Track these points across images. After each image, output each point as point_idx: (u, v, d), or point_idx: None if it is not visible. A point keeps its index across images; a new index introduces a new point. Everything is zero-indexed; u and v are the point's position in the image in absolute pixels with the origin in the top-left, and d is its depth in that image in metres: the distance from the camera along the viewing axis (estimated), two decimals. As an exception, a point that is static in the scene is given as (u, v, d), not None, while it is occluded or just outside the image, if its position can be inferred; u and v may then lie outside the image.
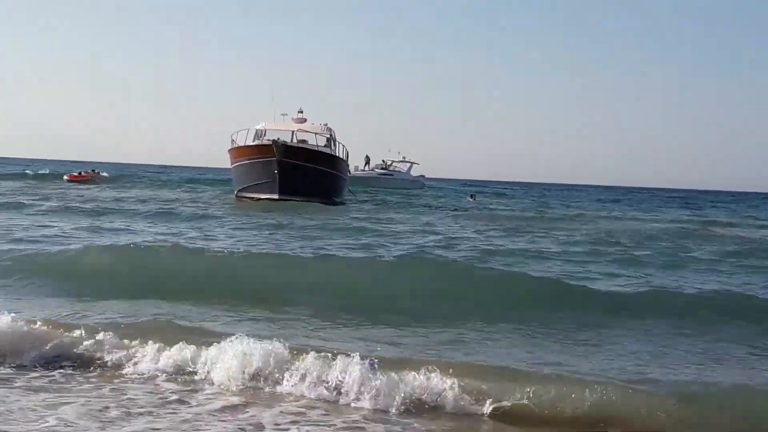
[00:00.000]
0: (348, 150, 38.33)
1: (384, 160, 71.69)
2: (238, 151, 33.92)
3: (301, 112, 37.62)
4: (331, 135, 36.51)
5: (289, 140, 33.62)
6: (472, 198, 51.97)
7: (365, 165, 68.06)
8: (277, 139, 31.86)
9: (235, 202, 31.95)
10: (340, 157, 36.66)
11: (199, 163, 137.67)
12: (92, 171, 55.38)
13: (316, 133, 35.61)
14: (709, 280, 12.25)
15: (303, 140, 35.06)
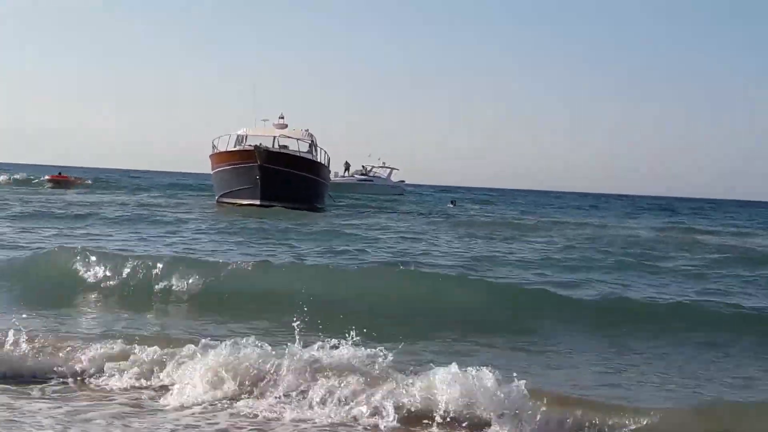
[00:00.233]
0: (330, 156, 38.28)
1: (364, 166, 71.53)
2: (220, 157, 33.68)
3: (282, 118, 37.57)
4: (312, 141, 36.43)
5: (271, 146, 33.48)
6: (452, 204, 51.92)
7: (345, 171, 67.86)
8: (259, 145, 31.69)
9: (217, 208, 31.61)
10: (322, 162, 36.59)
11: (178, 169, 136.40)
12: (75, 177, 54.51)
13: (297, 139, 35.57)
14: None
15: (284, 146, 34.95)
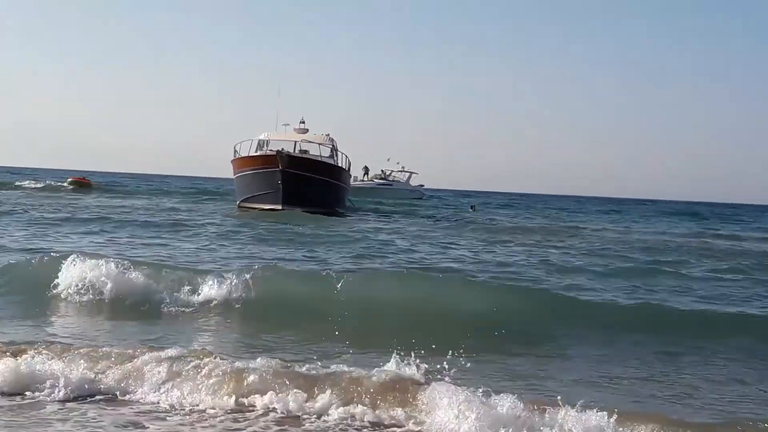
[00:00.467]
0: (350, 160, 38.16)
1: (383, 170, 71.44)
2: (242, 162, 33.59)
3: (303, 123, 37.55)
4: (333, 145, 36.37)
5: (292, 150, 33.44)
6: (472, 209, 51.62)
7: (364, 175, 67.85)
8: (282, 149, 31.61)
9: (239, 212, 31.48)
10: (343, 167, 36.48)
11: (197, 173, 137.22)
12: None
13: (319, 144, 35.57)
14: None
15: (305, 150, 34.90)
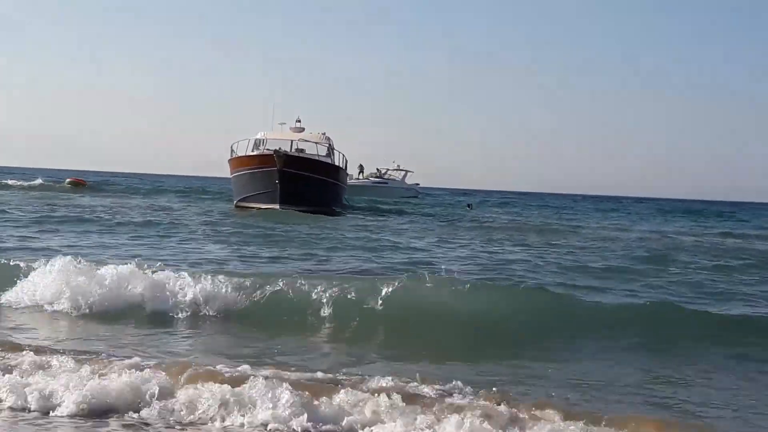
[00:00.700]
0: (347, 159, 38.06)
1: (378, 169, 71.44)
2: (239, 161, 33.48)
3: (299, 122, 37.48)
4: (330, 144, 36.27)
5: (289, 149, 33.28)
6: (469, 207, 51.50)
7: (359, 174, 67.73)
8: (279, 149, 31.47)
9: (237, 212, 31.28)
10: (340, 166, 36.37)
11: (191, 172, 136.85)
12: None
13: (315, 143, 35.44)
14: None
15: (301, 149, 34.75)
